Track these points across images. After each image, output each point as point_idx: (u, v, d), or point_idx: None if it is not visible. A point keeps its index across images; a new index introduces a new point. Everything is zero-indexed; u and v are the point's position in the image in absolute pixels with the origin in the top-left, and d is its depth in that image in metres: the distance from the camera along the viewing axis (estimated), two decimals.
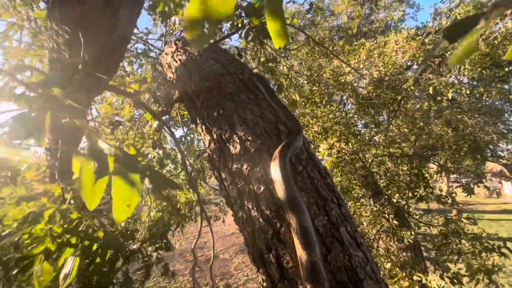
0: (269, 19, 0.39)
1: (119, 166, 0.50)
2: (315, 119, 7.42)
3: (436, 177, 7.77)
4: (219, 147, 0.93)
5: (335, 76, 7.53)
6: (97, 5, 0.78)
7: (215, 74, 1.06)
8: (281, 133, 0.88)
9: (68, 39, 0.91)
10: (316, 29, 9.77)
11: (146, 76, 1.98)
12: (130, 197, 0.48)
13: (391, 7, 10.70)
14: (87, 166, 0.43)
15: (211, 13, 0.36)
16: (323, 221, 0.71)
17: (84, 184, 0.44)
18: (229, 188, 0.87)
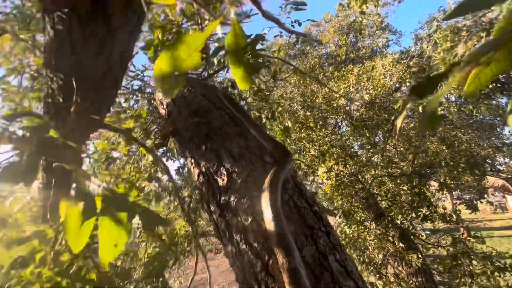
0: (232, 67, 0.44)
1: (107, 205, 0.51)
2: (311, 143, 7.50)
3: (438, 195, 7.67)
4: (207, 180, 0.95)
5: (328, 101, 7.76)
6: (90, 54, 0.85)
7: (203, 110, 1.12)
8: (266, 164, 0.90)
9: (62, 84, 0.97)
10: (307, 58, 10.28)
11: (141, 112, 2.06)
12: (117, 236, 0.49)
13: (375, 35, 11.39)
14: (73, 208, 0.45)
15: (179, 67, 0.40)
16: (311, 250, 0.70)
17: (69, 227, 0.45)
18: (218, 221, 0.87)
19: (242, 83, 0.45)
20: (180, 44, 0.39)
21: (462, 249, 4.72)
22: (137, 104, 3.69)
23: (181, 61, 0.40)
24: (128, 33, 0.85)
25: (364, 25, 10.79)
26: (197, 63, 0.41)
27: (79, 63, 0.87)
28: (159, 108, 1.55)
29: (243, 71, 0.44)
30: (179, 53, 0.40)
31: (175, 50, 0.40)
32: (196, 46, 0.41)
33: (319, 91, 8.61)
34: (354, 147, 8.17)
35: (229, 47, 0.43)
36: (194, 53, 0.41)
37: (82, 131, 1.25)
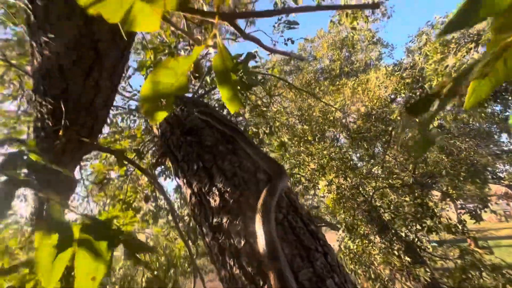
0: (221, 89, 0.43)
1: (85, 235, 0.48)
2: (311, 157, 7.48)
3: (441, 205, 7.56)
4: (199, 200, 0.93)
5: (324, 114, 7.83)
6: (77, 79, 0.85)
7: (195, 129, 1.11)
8: (259, 182, 0.88)
9: (51, 109, 0.96)
10: (302, 73, 10.48)
11: (136, 132, 2.05)
12: (95, 269, 0.46)
13: (367, 49, 11.70)
14: (45, 240, 0.42)
15: (165, 91, 0.39)
16: (308, 274, 0.67)
17: (41, 260, 0.42)
18: (211, 244, 0.83)
19: (231, 105, 0.44)
20: (165, 69, 0.39)
21: (471, 261, 4.57)
22: (134, 124, 3.70)
23: (169, 85, 0.39)
24: (116, 56, 0.85)
25: (356, 40, 11.11)
26: (184, 88, 0.40)
27: (67, 87, 0.86)
28: (154, 128, 1.54)
29: (231, 92, 0.43)
30: (167, 78, 0.39)
31: (160, 75, 0.39)
32: (183, 70, 0.40)
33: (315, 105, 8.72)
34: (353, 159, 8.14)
35: (216, 69, 0.43)
36: (181, 78, 0.40)
37: (73, 153, 1.23)
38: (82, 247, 0.47)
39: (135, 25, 0.35)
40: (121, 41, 0.79)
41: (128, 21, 0.35)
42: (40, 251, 0.42)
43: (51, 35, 0.70)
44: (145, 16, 0.35)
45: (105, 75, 0.88)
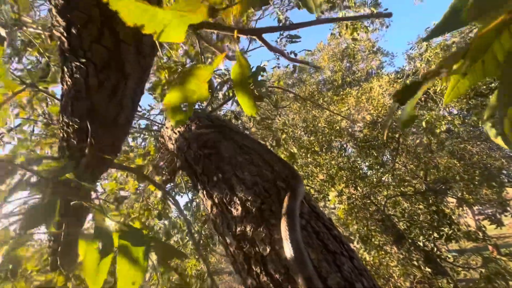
0: (239, 96, 0.46)
1: (124, 242, 0.51)
2: (319, 168, 7.42)
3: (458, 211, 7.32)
4: (221, 211, 0.94)
5: (330, 124, 7.84)
6: (103, 98, 0.90)
7: (212, 141, 1.14)
8: (280, 190, 0.89)
9: (77, 128, 1.02)
10: (305, 85, 10.63)
11: (149, 149, 2.11)
12: (134, 275, 0.48)
13: (368, 59, 11.86)
14: (91, 247, 0.45)
15: (189, 98, 0.43)
16: (336, 278, 0.66)
17: (87, 265, 0.44)
18: (235, 253, 0.84)
19: (248, 109, 0.47)
20: (190, 76, 0.42)
21: (495, 269, 4.35)
22: (145, 142, 3.78)
23: (191, 93, 0.43)
24: (139, 75, 0.91)
25: (356, 50, 11.31)
26: (205, 94, 0.44)
27: (93, 107, 0.92)
28: (168, 144, 1.59)
29: (248, 99, 0.46)
30: (190, 85, 0.43)
31: (185, 82, 0.42)
32: (205, 78, 0.44)
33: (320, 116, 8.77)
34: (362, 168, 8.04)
35: (235, 78, 0.46)
36: (203, 84, 0.44)
37: (93, 171, 1.27)
38: (122, 253, 0.50)
39: (164, 36, 0.39)
40: (144, 61, 0.85)
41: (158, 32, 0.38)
42: (86, 257, 0.44)
43: (83, 59, 0.76)
44: (173, 28, 0.39)
45: (128, 94, 0.94)
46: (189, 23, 0.37)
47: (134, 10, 0.31)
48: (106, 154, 1.14)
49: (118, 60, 0.78)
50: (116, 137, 1.14)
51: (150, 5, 0.32)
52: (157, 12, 0.33)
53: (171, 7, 0.34)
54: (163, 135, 1.91)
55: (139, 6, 0.31)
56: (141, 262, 0.50)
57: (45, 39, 1.36)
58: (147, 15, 0.33)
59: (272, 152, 1.01)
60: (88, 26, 0.67)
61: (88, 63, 0.77)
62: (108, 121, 1.01)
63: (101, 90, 0.86)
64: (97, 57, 0.75)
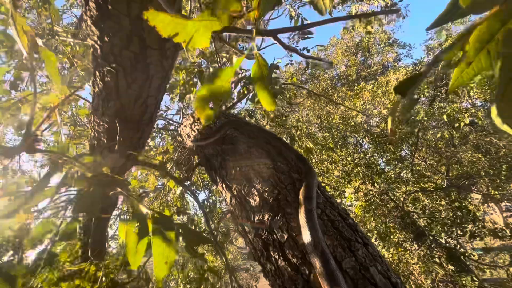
0: (259, 92, 0.51)
1: (157, 226, 0.57)
2: (334, 164, 7.34)
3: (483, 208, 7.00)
4: (240, 202, 1.00)
5: (345, 120, 7.72)
6: (130, 99, 0.98)
7: (229, 137, 1.20)
8: (295, 181, 0.94)
9: (107, 128, 1.11)
10: (318, 81, 10.50)
11: (168, 148, 2.21)
12: (167, 255, 0.54)
13: (384, 51, 11.51)
14: (131, 229, 0.51)
15: (214, 95, 0.48)
16: (351, 262, 0.70)
17: (129, 245, 0.51)
18: (254, 241, 0.89)
19: (268, 105, 0.51)
20: (215, 78, 0.48)
21: None
22: (163, 142, 3.93)
23: (217, 92, 0.48)
24: (162, 76, 0.98)
25: (371, 43, 11.01)
26: (228, 92, 0.49)
27: (122, 107, 1.00)
28: (187, 141, 1.67)
29: (268, 95, 0.51)
30: (215, 85, 0.48)
31: (211, 83, 0.48)
32: (228, 78, 0.49)
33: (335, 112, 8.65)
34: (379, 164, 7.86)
35: (255, 75, 0.51)
36: (226, 84, 0.49)
37: (120, 167, 1.37)
38: (155, 236, 0.56)
39: (192, 42, 0.44)
40: (167, 62, 0.92)
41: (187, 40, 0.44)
42: (128, 238, 0.51)
43: (113, 64, 0.83)
44: (199, 36, 0.44)
45: (152, 94, 1.01)
46: (213, 30, 0.43)
47: (168, 24, 0.37)
48: (131, 151, 1.23)
49: (144, 64, 0.85)
50: (141, 135, 1.22)
51: (181, 18, 0.38)
52: (187, 23, 0.38)
53: (197, 18, 0.39)
54: (180, 133, 2.00)
55: (172, 20, 0.37)
56: (173, 244, 0.56)
57: (74, 46, 1.48)
58: (179, 26, 0.38)
59: (287, 145, 1.05)
60: (118, 34, 0.74)
61: (118, 67, 0.84)
62: (134, 120, 1.09)
63: (128, 91, 0.94)
64: (126, 62, 0.83)
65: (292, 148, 1.05)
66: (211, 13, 0.40)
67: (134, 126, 1.12)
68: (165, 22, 0.36)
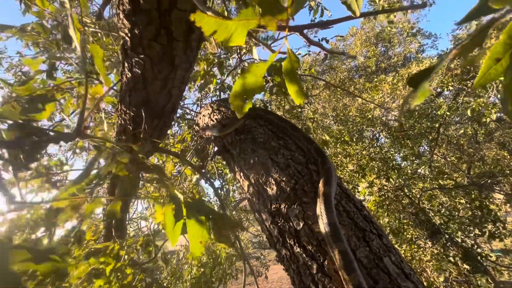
0: (288, 85, 0.54)
1: (190, 209, 0.62)
2: (349, 158, 7.24)
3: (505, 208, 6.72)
4: (257, 190, 1.04)
5: (362, 113, 7.54)
6: (156, 88, 1.03)
7: (248, 128, 1.24)
8: (312, 172, 0.96)
9: (133, 116, 1.17)
10: (335, 72, 10.23)
11: (186, 136, 2.28)
12: (201, 235, 0.59)
13: (406, 42, 10.98)
14: (169, 210, 0.56)
15: (248, 88, 0.51)
16: (365, 252, 0.72)
17: (167, 225, 0.57)
18: (271, 228, 0.94)
19: (297, 97, 0.54)
20: (249, 72, 0.50)
21: None
22: (180, 130, 4.04)
23: (250, 85, 0.51)
24: (186, 67, 1.01)
25: (393, 33, 10.51)
26: (261, 86, 0.51)
27: (148, 96, 1.05)
28: (205, 131, 1.72)
29: (298, 88, 0.53)
30: (249, 79, 0.51)
31: (245, 77, 0.51)
32: (261, 73, 0.52)
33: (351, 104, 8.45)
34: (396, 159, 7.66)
35: (286, 70, 0.53)
36: (259, 79, 0.52)
37: (146, 154, 1.44)
38: (189, 218, 0.61)
39: (231, 41, 0.47)
40: (191, 54, 0.95)
41: (227, 38, 0.47)
42: (166, 219, 0.56)
43: (141, 55, 0.88)
44: (237, 34, 0.47)
45: (176, 84, 1.05)
46: (248, 29, 0.45)
47: (212, 24, 0.40)
48: (155, 138, 1.29)
49: (170, 55, 0.89)
50: (163, 124, 1.28)
51: (222, 19, 0.41)
52: (228, 24, 0.41)
53: (237, 18, 0.42)
54: (198, 123, 2.05)
55: (216, 21, 0.40)
56: (205, 225, 0.61)
57: (101, 37, 1.54)
58: (221, 26, 0.41)
59: (306, 137, 1.07)
60: (148, 27, 0.78)
61: (146, 59, 0.89)
62: (158, 109, 1.15)
63: (154, 81, 0.99)
64: (153, 53, 0.87)
65: (312, 140, 1.07)
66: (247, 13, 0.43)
67: (158, 114, 1.18)
68: (209, 23, 0.39)
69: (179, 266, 5.56)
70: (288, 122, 1.16)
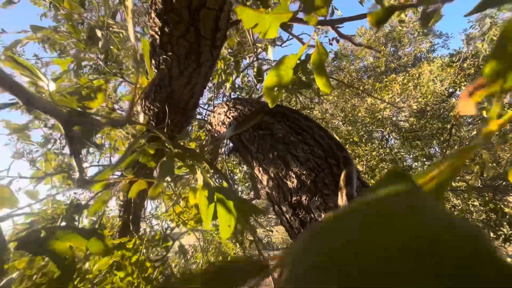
0: (317, 77, 0.56)
1: (219, 195, 0.66)
2: (358, 159, 7.19)
3: None
4: (277, 184, 1.06)
5: (371, 113, 7.47)
6: (180, 85, 1.07)
7: (266, 124, 1.27)
8: (332, 166, 0.98)
9: (157, 112, 1.22)
10: (344, 73, 10.17)
11: (200, 134, 2.33)
12: (229, 220, 0.63)
13: (417, 41, 10.83)
14: (203, 194, 0.60)
15: (280, 80, 0.54)
16: None
17: (201, 208, 0.61)
18: (291, 220, 0.96)
19: (325, 88, 0.57)
20: (281, 64, 0.54)
21: None
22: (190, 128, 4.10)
23: (281, 77, 0.54)
24: (210, 64, 1.05)
25: (403, 33, 10.38)
26: (292, 78, 0.55)
27: (172, 93, 1.10)
28: (221, 128, 1.76)
29: (326, 79, 0.56)
30: (280, 71, 0.54)
31: (277, 69, 0.54)
32: (291, 65, 0.55)
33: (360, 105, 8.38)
34: (406, 160, 7.56)
35: (314, 62, 0.56)
36: (289, 70, 0.55)
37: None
38: (219, 203, 0.65)
39: (267, 34, 0.50)
40: (216, 51, 0.99)
41: (264, 31, 0.50)
42: (200, 202, 0.60)
43: (169, 53, 0.92)
44: (272, 27, 0.50)
45: (200, 81, 1.10)
46: (281, 22, 0.48)
47: (251, 17, 0.43)
48: (176, 133, 1.34)
49: (196, 52, 0.93)
50: (184, 120, 1.32)
51: (260, 13, 0.44)
52: (265, 17, 0.45)
53: (273, 12, 0.45)
54: (211, 122, 2.10)
55: (255, 14, 0.43)
56: (233, 211, 0.65)
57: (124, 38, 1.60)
58: (259, 19, 0.44)
59: (326, 132, 1.10)
60: (178, 25, 0.82)
61: (173, 56, 0.93)
62: (181, 105, 1.19)
63: (180, 78, 1.03)
64: (181, 50, 0.91)
65: (331, 135, 1.09)
66: (281, 8, 0.46)
67: (181, 110, 1.22)
68: (249, 16, 0.43)
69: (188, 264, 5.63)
70: (307, 117, 1.19)
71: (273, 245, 9.85)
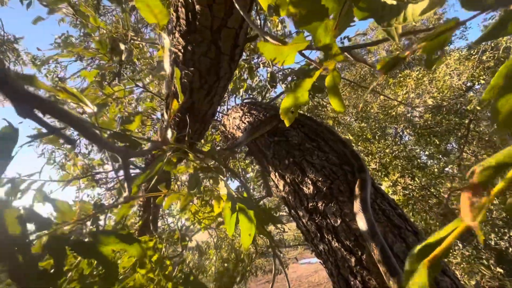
0: (331, 98, 0.61)
1: (241, 205, 0.71)
2: (371, 156, 7.09)
3: None
4: (293, 189, 1.11)
5: (385, 110, 7.34)
6: (201, 97, 1.13)
7: (281, 130, 1.31)
8: (347, 173, 1.02)
9: (178, 121, 1.29)
10: (356, 68, 10.01)
11: (215, 137, 2.40)
12: (250, 228, 0.68)
13: None
14: (227, 205, 0.66)
15: (296, 102, 0.59)
16: (402, 247, 0.78)
17: (226, 217, 0.67)
18: (308, 224, 1.01)
19: (338, 108, 0.61)
20: (298, 87, 0.58)
21: None
22: None
23: (297, 99, 0.59)
24: (228, 77, 1.11)
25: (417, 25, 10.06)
26: (306, 100, 0.59)
27: (193, 104, 1.16)
28: (236, 132, 1.82)
29: (338, 100, 0.60)
30: (296, 94, 0.59)
31: (295, 92, 0.59)
32: (307, 88, 0.59)
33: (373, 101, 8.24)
34: (421, 157, 7.38)
35: (329, 85, 0.60)
36: (305, 93, 0.60)
37: None
38: (241, 212, 0.70)
39: (285, 62, 0.55)
40: (234, 65, 1.04)
41: (282, 61, 0.55)
42: (225, 212, 0.66)
43: (191, 68, 0.98)
44: (289, 56, 0.54)
45: (219, 92, 1.15)
46: (297, 50, 0.53)
47: (272, 51, 0.48)
48: (196, 141, 1.41)
49: (216, 67, 0.99)
50: (203, 128, 1.39)
51: (280, 46, 0.49)
52: (284, 49, 0.49)
53: (290, 44, 0.50)
54: (224, 124, 2.16)
55: (275, 48, 0.48)
56: (253, 219, 0.70)
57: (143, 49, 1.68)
58: (278, 52, 0.49)
59: (341, 140, 1.13)
60: (201, 44, 0.88)
61: (195, 71, 0.99)
62: (200, 115, 1.26)
63: (200, 91, 1.09)
64: (203, 66, 0.97)
65: (346, 143, 1.13)
66: (298, 39, 0.50)
67: (200, 119, 1.29)
68: (270, 50, 0.48)
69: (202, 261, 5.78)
70: (322, 124, 1.23)
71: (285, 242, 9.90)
